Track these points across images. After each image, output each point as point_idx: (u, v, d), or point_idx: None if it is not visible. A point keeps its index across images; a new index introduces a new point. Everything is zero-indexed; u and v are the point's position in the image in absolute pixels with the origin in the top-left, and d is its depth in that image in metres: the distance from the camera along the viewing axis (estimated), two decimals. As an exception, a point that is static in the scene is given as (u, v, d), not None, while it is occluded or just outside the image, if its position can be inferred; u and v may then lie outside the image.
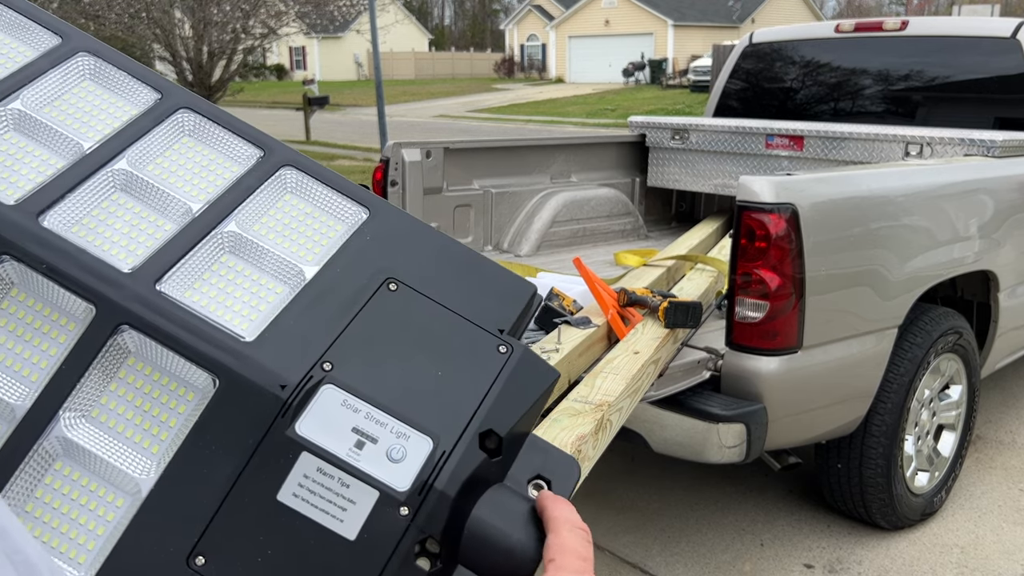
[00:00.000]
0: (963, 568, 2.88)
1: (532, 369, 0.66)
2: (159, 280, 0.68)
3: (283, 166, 0.75)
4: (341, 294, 0.66)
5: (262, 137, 0.78)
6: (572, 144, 4.49)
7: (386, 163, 3.66)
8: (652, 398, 2.44)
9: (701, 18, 41.97)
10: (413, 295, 0.67)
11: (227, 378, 0.61)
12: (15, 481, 0.64)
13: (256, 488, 0.57)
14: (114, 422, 0.67)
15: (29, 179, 0.73)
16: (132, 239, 0.72)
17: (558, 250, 4.13)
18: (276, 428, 0.59)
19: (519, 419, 0.63)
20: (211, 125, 0.78)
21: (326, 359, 0.63)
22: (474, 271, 0.70)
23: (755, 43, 4.90)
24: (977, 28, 4.11)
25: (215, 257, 0.70)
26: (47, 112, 0.77)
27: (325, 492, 0.57)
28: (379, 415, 0.60)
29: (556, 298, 2.75)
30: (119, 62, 0.80)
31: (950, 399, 3.25)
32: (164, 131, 0.78)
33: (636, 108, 25.77)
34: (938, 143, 3.57)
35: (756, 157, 4.22)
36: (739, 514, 3.22)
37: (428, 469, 0.59)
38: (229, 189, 0.73)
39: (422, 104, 31.21)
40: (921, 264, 2.89)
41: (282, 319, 0.65)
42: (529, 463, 0.63)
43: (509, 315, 0.68)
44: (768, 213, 2.44)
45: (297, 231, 0.73)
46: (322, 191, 0.74)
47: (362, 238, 0.71)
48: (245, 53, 19.20)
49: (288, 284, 0.69)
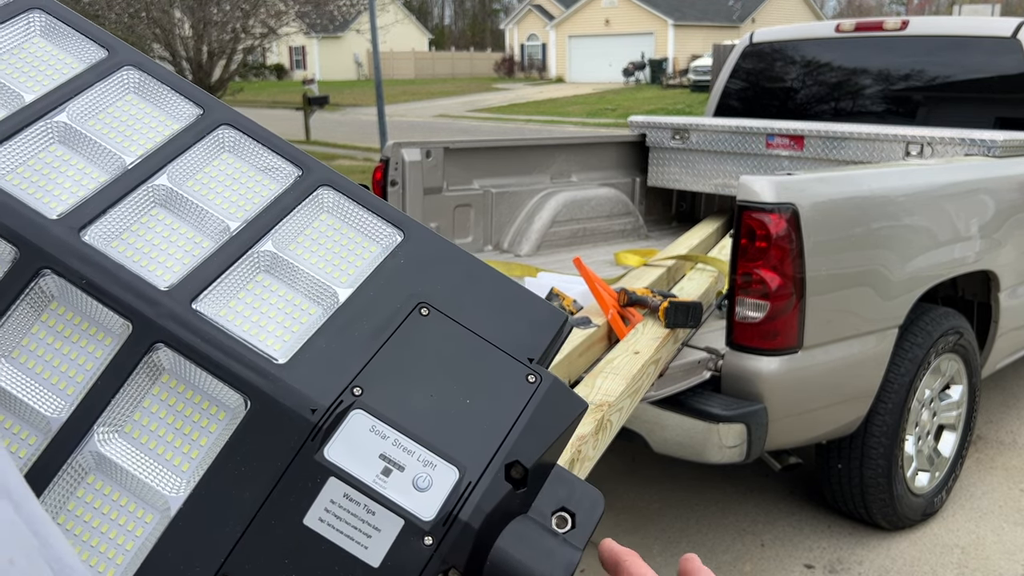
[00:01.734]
0: (963, 568, 2.88)
1: (561, 400, 0.65)
2: (195, 299, 0.68)
3: (320, 186, 0.76)
4: (373, 318, 0.67)
5: (301, 156, 0.78)
6: (572, 144, 4.49)
7: (386, 163, 3.66)
8: (652, 398, 2.43)
9: (701, 18, 41.97)
10: (444, 321, 0.67)
11: (258, 400, 0.62)
12: (49, 493, 0.64)
13: (283, 511, 0.57)
14: (146, 438, 0.67)
15: (71, 192, 0.73)
16: (170, 255, 0.72)
17: (558, 250, 4.12)
18: (305, 452, 0.59)
19: (546, 450, 0.63)
20: (251, 142, 0.78)
21: (356, 384, 0.63)
22: (506, 297, 0.70)
23: (755, 43, 4.90)
24: (977, 28, 4.11)
25: (251, 276, 0.71)
26: (91, 125, 0.77)
27: (351, 518, 0.57)
28: (407, 442, 0.60)
29: (556, 298, 2.75)
30: (164, 76, 0.81)
31: (951, 399, 3.24)
32: (205, 147, 0.78)
33: (636, 108, 25.77)
34: (939, 143, 3.57)
35: (756, 157, 4.21)
36: (739, 514, 3.21)
37: (453, 500, 0.58)
38: (267, 208, 0.74)
39: (422, 104, 31.21)
40: (922, 264, 2.88)
41: (314, 341, 0.65)
42: (554, 495, 0.63)
43: (539, 344, 0.68)
44: (769, 213, 2.44)
45: (332, 251, 0.73)
46: (358, 212, 0.75)
47: (396, 261, 0.71)
48: (245, 53, 19.20)
49: (322, 306, 0.69)
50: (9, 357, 0.68)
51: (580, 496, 0.64)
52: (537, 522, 0.61)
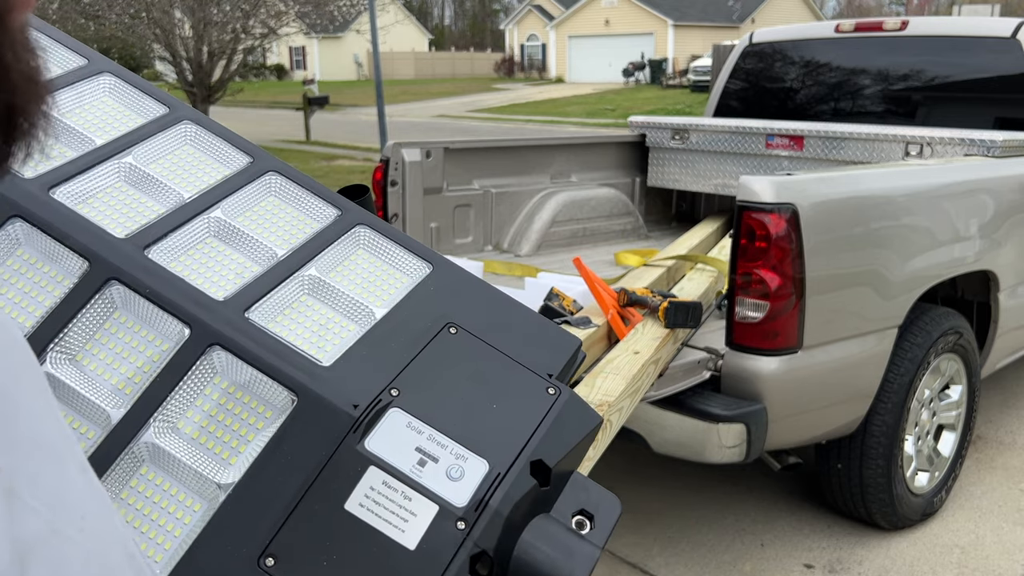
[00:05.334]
0: (963, 568, 2.88)
1: (578, 412, 0.71)
2: (248, 309, 0.75)
3: (357, 224, 0.84)
4: (407, 333, 0.73)
5: (339, 199, 0.86)
6: (572, 144, 4.49)
7: (386, 163, 3.66)
8: (652, 398, 2.44)
9: (701, 18, 41.97)
10: (471, 339, 0.73)
11: (305, 396, 0.66)
12: (105, 481, 0.69)
13: (326, 497, 0.61)
14: (197, 433, 0.73)
15: (134, 220, 0.82)
16: (223, 276, 0.80)
17: (558, 250, 4.13)
18: (347, 443, 0.64)
19: (565, 455, 0.68)
20: (295, 187, 0.87)
21: (394, 386, 0.68)
22: (526, 322, 0.77)
23: (755, 43, 4.90)
24: (977, 28, 4.11)
25: (296, 296, 0.78)
26: (153, 167, 0.88)
27: (389, 504, 0.61)
28: (440, 438, 0.65)
29: (556, 298, 2.75)
30: (218, 130, 0.91)
31: (950, 399, 3.25)
32: (254, 189, 0.88)
33: (636, 108, 25.77)
34: (938, 143, 3.57)
35: (756, 157, 4.22)
36: (739, 514, 3.21)
37: (484, 488, 0.63)
38: (310, 240, 0.82)
39: (422, 104, 31.21)
40: (921, 264, 2.89)
41: (355, 350, 0.71)
42: (574, 498, 0.69)
43: (557, 363, 0.74)
44: (768, 213, 2.44)
45: (368, 280, 0.81)
46: (391, 247, 0.82)
47: (427, 288, 0.78)
48: (245, 53, 19.20)
49: (359, 324, 0.76)
50: (74, 360, 0.75)
51: (598, 500, 0.70)
52: (559, 521, 0.66)
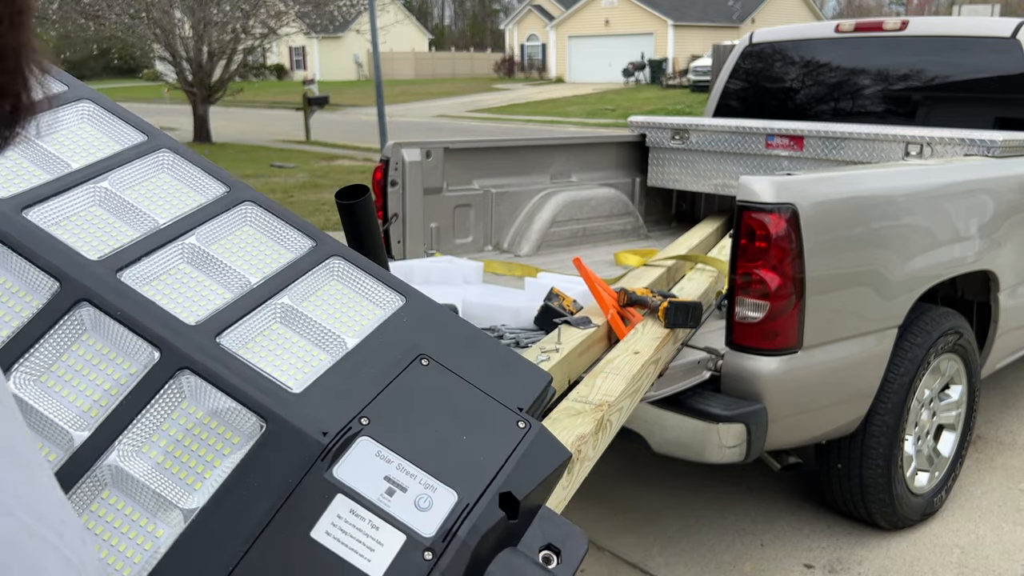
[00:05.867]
0: (963, 568, 2.88)
1: (548, 446, 0.72)
2: (219, 334, 0.74)
3: (332, 256, 0.84)
4: (379, 363, 0.73)
5: (314, 230, 0.87)
6: (572, 144, 4.49)
7: (386, 163, 3.66)
8: (652, 398, 2.44)
9: (701, 18, 41.96)
10: (443, 371, 0.74)
11: (274, 422, 0.66)
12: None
13: (292, 525, 0.61)
14: (162, 458, 0.72)
15: (108, 244, 0.82)
16: (196, 302, 0.80)
17: (558, 250, 4.13)
18: (315, 470, 0.64)
19: (534, 488, 0.68)
20: (270, 217, 0.87)
21: (364, 415, 0.68)
22: (496, 357, 0.77)
23: (755, 43, 4.91)
24: (977, 28, 4.11)
25: (268, 324, 0.78)
26: (129, 193, 0.87)
27: (356, 532, 0.61)
28: (410, 467, 0.65)
29: (556, 298, 2.75)
30: (194, 159, 0.91)
31: (950, 399, 3.25)
32: (230, 217, 0.87)
33: (636, 108, 25.77)
34: (938, 143, 3.58)
35: (756, 157, 4.22)
36: (739, 514, 3.22)
37: (452, 519, 0.63)
38: (284, 269, 0.82)
39: (422, 104, 31.21)
40: (921, 264, 2.89)
41: (326, 378, 0.71)
42: (542, 532, 0.68)
43: (527, 397, 0.75)
44: (768, 213, 2.45)
45: (341, 310, 0.81)
46: (364, 279, 0.82)
47: (399, 320, 0.78)
48: (245, 53, 19.20)
49: (330, 353, 0.76)
50: (39, 380, 0.74)
51: (565, 535, 0.68)
52: (526, 555, 0.65)
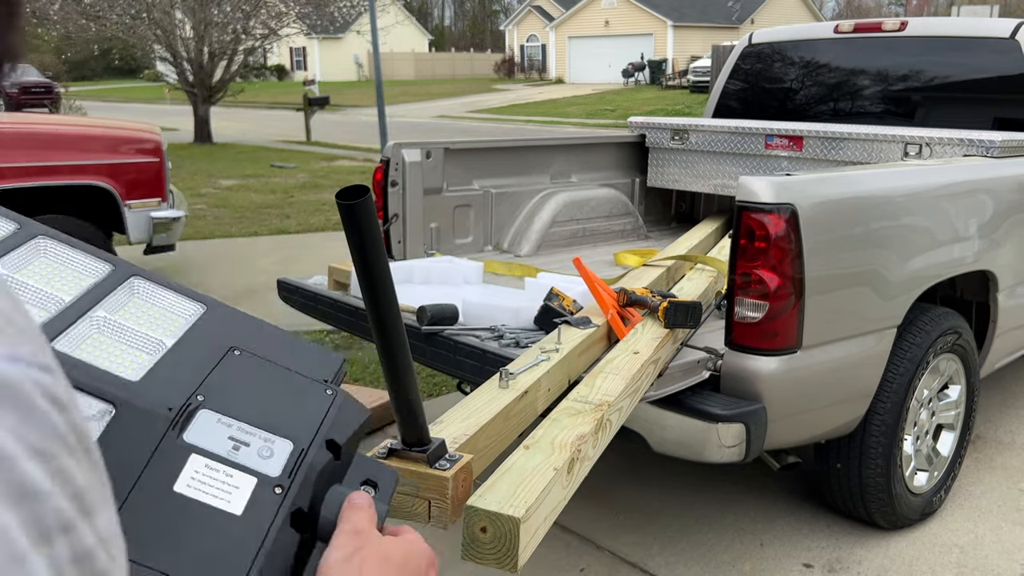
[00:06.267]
0: (962, 568, 2.89)
1: (353, 406, 0.87)
2: (51, 341, 0.79)
3: (132, 276, 0.92)
4: (198, 355, 0.83)
5: (110, 257, 0.93)
6: (572, 144, 4.50)
7: (386, 163, 3.66)
8: (652, 398, 2.44)
9: (701, 18, 41.98)
10: (255, 358, 0.85)
11: (122, 405, 0.73)
12: None
13: (156, 483, 0.69)
14: None
15: None
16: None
17: (558, 250, 4.13)
18: (168, 438, 0.72)
19: (348, 439, 0.82)
20: (65, 247, 0.92)
21: (199, 393, 0.78)
22: (294, 346, 0.90)
23: (755, 43, 4.91)
24: (977, 28, 4.12)
25: (89, 334, 0.84)
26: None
27: (213, 482, 0.70)
28: (249, 427, 0.76)
29: (556, 298, 2.76)
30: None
31: (949, 399, 3.25)
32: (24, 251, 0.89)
33: (636, 108, 25.78)
34: (937, 143, 3.58)
35: (756, 157, 4.22)
36: (739, 514, 3.22)
37: (292, 461, 0.75)
38: (90, 290, 0.88)
39: (422, 104, 31.21)
40: (920, 264, 2.89)
41: (156, 369, 0.80)
42: (360, 471, 0.84)
43: (328, 373, 0.89)
44: (768, 213, 2.45)
45: (152, 318, 0.89)
46: (165, 292, 0.92)
47: (205, 322, 0.88)
48: (246, 54, 19.20)
49: (153, 353, 0.83)
50: None
51: (378, 472, 0.84)
52: (350, 489, 0.79)
